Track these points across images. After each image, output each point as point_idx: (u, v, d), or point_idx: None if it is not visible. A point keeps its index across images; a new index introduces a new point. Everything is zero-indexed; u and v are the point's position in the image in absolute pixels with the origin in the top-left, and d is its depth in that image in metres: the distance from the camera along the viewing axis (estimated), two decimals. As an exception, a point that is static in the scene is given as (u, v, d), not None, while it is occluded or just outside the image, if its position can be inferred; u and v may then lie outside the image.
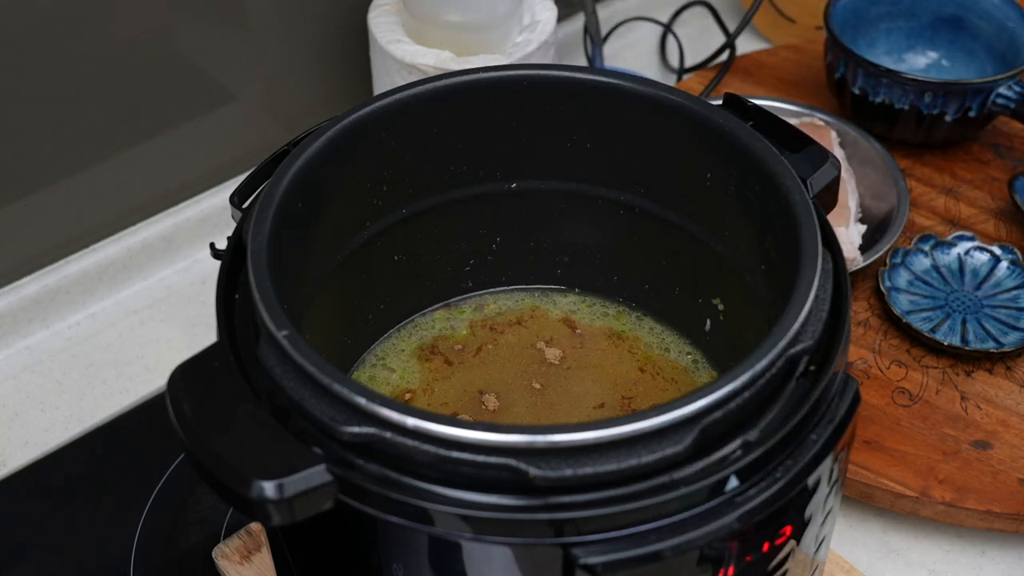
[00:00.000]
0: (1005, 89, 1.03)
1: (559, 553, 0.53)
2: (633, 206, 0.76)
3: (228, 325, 0.60)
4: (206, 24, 1.00)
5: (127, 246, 1.01)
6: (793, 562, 0.59)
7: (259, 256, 0.60)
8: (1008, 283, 0.96)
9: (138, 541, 0.83)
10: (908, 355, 0.91)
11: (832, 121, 1.05)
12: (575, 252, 0.81)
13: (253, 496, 0.51)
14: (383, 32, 0.99)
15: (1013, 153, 1.10)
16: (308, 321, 0.68)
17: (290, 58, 1.07)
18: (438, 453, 0.52)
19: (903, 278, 0.96)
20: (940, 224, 1.03)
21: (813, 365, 0.59)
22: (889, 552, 0.83)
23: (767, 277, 0.68)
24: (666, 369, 0.77)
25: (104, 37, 0.93)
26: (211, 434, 0.53)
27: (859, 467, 0.83)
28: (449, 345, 0.79)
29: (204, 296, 1.02)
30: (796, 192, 0.63)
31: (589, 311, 0.81)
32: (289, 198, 0.64)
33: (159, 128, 1.01)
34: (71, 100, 0.94)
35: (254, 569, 0.79)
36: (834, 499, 0.61)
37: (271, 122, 1.09)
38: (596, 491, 0.52)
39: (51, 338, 0.99)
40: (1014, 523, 0.82)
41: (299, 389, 0.55)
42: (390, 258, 0.76)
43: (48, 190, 0.96)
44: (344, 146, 0.68)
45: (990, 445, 0.85)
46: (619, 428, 0.52)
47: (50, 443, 0.91)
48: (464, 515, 0.52)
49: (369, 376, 0.77)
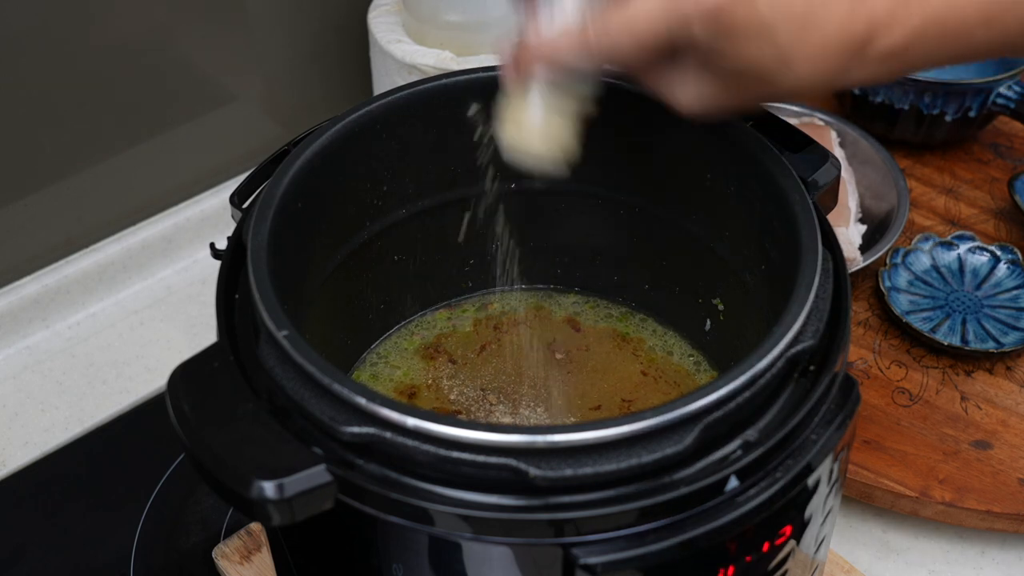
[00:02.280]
0: (1005, 89, 1.03)
1: (559, 553, 0.53)
2: (633, 206, 0.76)
3: (228, 325, 0.60)
4: (206, 24, 1.00)
5: (127, 246, 1.01)
6: (793, 562, 0.59)
7: (259, 256, 0.60)
8: (1008, 283, 0.96)
9: (138, 541, 0.83)
10: (908, 355, 0.91)
11: (832, 121, 1.05)
12: (575, 252, 0.81)
13: (253, 496, 0.51)
14: (383, 32, 0.99)
15: (1013, 153, 1.10)
16: (308, 321, 0.68)
17: (290, 58, 1.07)
18: (438, 453, 0.52)
19: (903, 278, 0.96)
20: (940, 224, 1.03)
21: (813, 365, 0.58)
22: (889, 552, 0.83)
23: (767, 277, 0.67)
24: (668, 372, 0.77)
25: (104, 37, 0.93)
26: (211, 434, 0.53)
27: (859, 467, 0.83)
28: (452, 343, 0.79)
29: (204, 296, 1.02)
30: (796, 192, 0.63)
31: (593, 312, 0.81)
32: (289, 198, 0.64)
33: (159, 128, 1.01)
34: (71, 100, 0.94)
35: (254, 569, 0.79)
36: (834, 499, 0.61)
37: (271, 122, 1.09)
38: (596, 491, 0.52)
39: (51, 338, 0.99)
40: (1014, 523, 0.82)
41: (299, 389, 0.55)
42: (390, 258, 0.76)
43: (48, 190, 0.96)
44: (344, 146, 0.68)
45: (990, 445, 0.85)
46: (619, 428, 0.52)
47: (50, 443, 0.91)
48: (464, 515, 0.52)
49: (371, 374, 0.77)
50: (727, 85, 0.59)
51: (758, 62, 0.57)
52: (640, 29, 0.56)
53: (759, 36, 0.56)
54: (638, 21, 0.56)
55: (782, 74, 0.57)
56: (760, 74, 0.57)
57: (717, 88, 0.59)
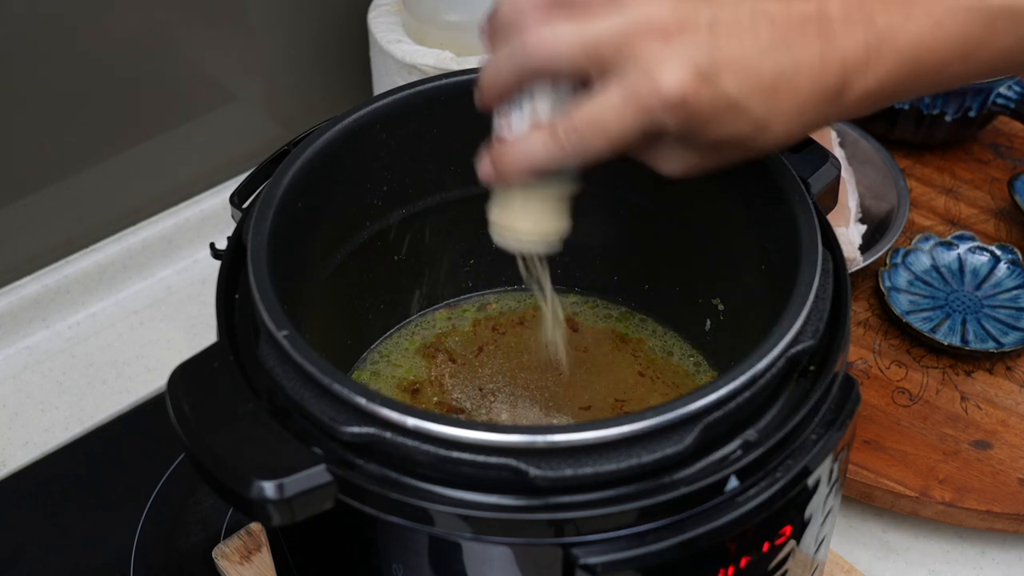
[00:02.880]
0: (1005, 89, 1.03)
1: (559, 553, 0.53)
2: (633, 206, 0.76)
3: (228, 325, 0.60)
4: (206, 24, 1.00)
5: (127, 246, 1.01)
6: (793, 562, 0.59)
7: (259, 256, 0.60)
8: (1008, 283, 0.96)
9: (138, 541, 0.83)
10: (908, 355, 0.92)
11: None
12: (574, 252, 0.80)
13: (253, 496, 0.51)
14: (383, 32, 0.99)
15: (1013, 153, 1.10)
16: (308, 321, 0.68)
17: (290, 58, 1.07)
18: (438, 453, 0.52)
19: (903, 278, 0.96)
20: (940, 224, 1.03)
21: (813, 365, 0.58)
22: (889, 552, 0.83)
23: (767, 277, 0.67)
24: (668, 373, 0.77)
25: (104, 37, 0.93)
26: (211, 434, 0.53)
27: (859, 467, 0.83)
28: (453, 343, 0.79)
29: (204, 296, 1.02)
30: (796, 192, 0.63)
31: (592, 312, 0.81)
32: (289, 198, 0.64)
33: (159, 128, 1.01)
34: (71, 100, 0.94)
35: (254, 569, 0.79)
36: (834, 499, 0.61)
37: (271, 122, 1.09)
38: (596, 491, 0.52)
39: (51, 338, 0.99)
40: (1014, 523, 0.82)
41: (299, 389, 0.55)
42: (390, 258, 0.76)
43: (48, 190, 0.96)
44: (344, 146, 0.68)
45: (990, 445, 0.85)
46: (619, 428, 0.52)
47: (50, 443, 0.91)
48: (464, 515, 0.52)
49: (372, 372, 0.77)
50: (707, 155, 0.58)
51: (734, 135, 0.56)
52: (609, 127, 0.55)
53: (730, 114, 0.55)
54: (606, 120, 0.55)
55: (761, 138, 0.57)
56: (738, 143, 0.57)
57: (698, 158, 0.58)
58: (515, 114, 0.58)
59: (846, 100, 0.57)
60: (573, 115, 0.56)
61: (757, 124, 0.56)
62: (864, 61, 0.56)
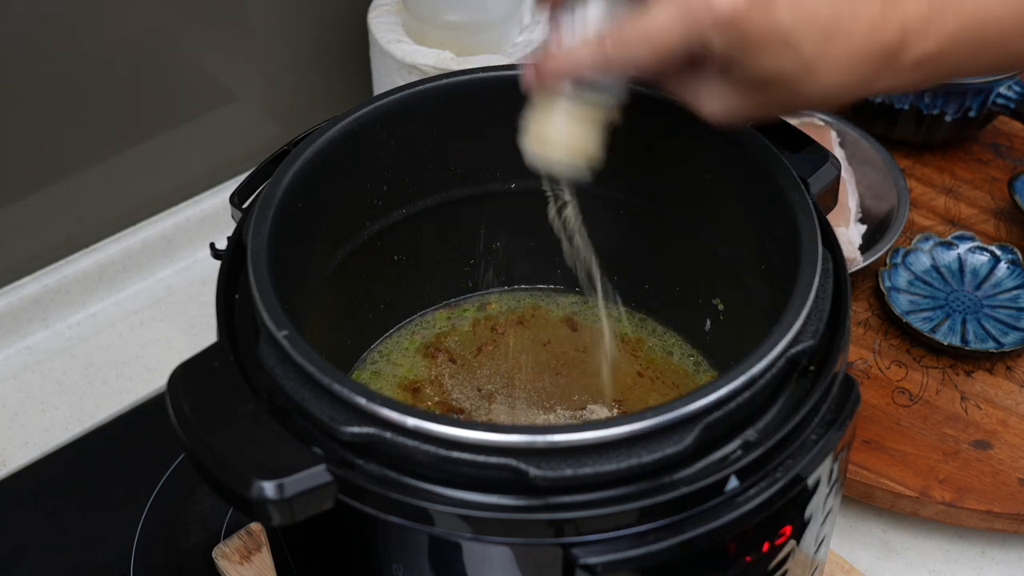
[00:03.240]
0: (1005, 89, 1.03)
1: (559, 553, 0.53)
2: (633, 206, 0.76)
3: (228, 325, 0.60)
4: (206, 24, 1.00)
5: (127, 246, 1.01)
6: (793, 562, 0.59)
7: (259, 256, 0.60)
8: (1008, 283, 0.96)
9: (138, 541, 0.83)
10: (908, 355, 0.91)
11: (832, 121, 1.05)
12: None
13: (253, 496, 0.51)
14: (383, 32, 0.99)
15: (1013, 153, 1.10)
16: (308, 321, 0.68)
17: (290, 58, 1.07)
18: (438, 453, 0.52)
19: (903, 278, 0.96)
20: (940, 224, 1.03)
21: (813, 365, 0.59)
22: (889, 552, 0.83)
23: (767, 277, 0.67)
24: (667, 373, 0.77)
25: (104, 37, 0.93)
26: (211, 434, 0.53)
27: (859, 467, 0.83)
28: (452, 343, 0.79)
29: (204, 296, 1.02)
30: (796, 192, 0.63)
31: (592, 312, 0.81)
32: (289, 198, 0.64)
33: (159, 128, 1.01)
34: (71, 100, 0.94)
35: (254, 569, 0.79)
36: (834, 499, 0.61)
37: (271, 122, 1.09)
38: (596, 491, 0.52)
39: (51, 338, 0.99)
40: (1014, 523, 0.82)
41: (299, 389, 0.55)
42: (390, 258, 0.76)
43: (48, 190, 0.96)
44: (344, 146, 0.68)
45: (990, 445, 0.85)
46: (619, 428, 0.52)
47: (50, 443, 0.91)
48: (464, 515, 0.52)
49: (373, 371, 0.77)
50: (750, 94, 0.57)
51: (780, 72, 0.54)
52: (656, 39, 0.54)
53: (779, 45, 0.53)
54: (653, 31, 0.54)
55: (807, 83, 0.55)
56: (783, 84, 0.55)
57: (741, 97, 0.57)
58: (567, 24, 0.58)
59: (902, 62, 0.55)
60: (624, 28, 0.55)
61: (805, 65, 0.54)
62: (925, 21, 0.54)
